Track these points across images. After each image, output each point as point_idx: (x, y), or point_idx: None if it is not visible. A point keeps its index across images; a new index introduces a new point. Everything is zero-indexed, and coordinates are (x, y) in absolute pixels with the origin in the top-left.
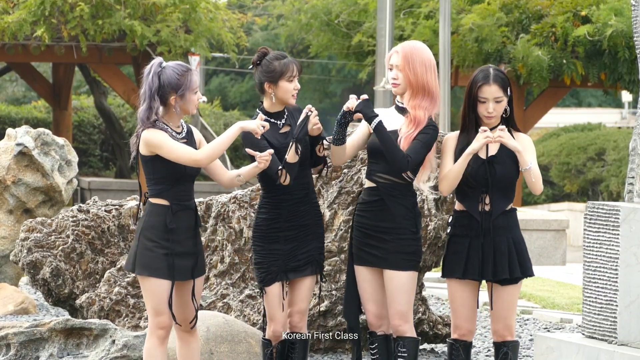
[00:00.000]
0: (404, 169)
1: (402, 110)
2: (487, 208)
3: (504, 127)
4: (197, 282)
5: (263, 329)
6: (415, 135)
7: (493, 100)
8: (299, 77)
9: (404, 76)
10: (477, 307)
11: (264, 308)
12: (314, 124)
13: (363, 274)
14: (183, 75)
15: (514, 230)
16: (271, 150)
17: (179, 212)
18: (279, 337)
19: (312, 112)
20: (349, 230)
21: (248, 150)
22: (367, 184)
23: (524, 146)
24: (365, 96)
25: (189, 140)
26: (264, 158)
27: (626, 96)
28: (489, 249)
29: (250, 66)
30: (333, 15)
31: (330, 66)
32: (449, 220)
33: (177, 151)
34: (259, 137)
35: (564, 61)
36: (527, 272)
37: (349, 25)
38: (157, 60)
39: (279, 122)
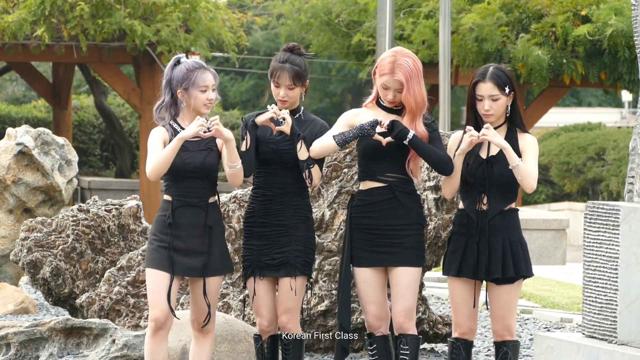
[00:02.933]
0: (451, 169)
1: (387, 110)
2: (484, 208)
3: (488, 125)
4: (209, 282)
5: None
6: (427, 137)
7: (489, 97)
8: (292, 87)
9: (404, 100)
10: (474, 306)
11: None
12: (265, 117)
13: (365, 276)
14: (191, 71)
15: (511, 230)
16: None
17: (180, 208)
18: (265, 331)
19: (272, 107)
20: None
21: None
22: (371, 184)
23: (526, 145)
24: (385, 121)
25: (202, 140)
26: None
27: (626, 96)
28: (483, 248)
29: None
30: (333, 15)
31: (330, 66)
32: (452, 219)
33: (148, 157)
34: (202, 137)
35: (564, 61)
36: (521, 273)
37: (349, 25)
38: (178, 56)
39: (279, 119)
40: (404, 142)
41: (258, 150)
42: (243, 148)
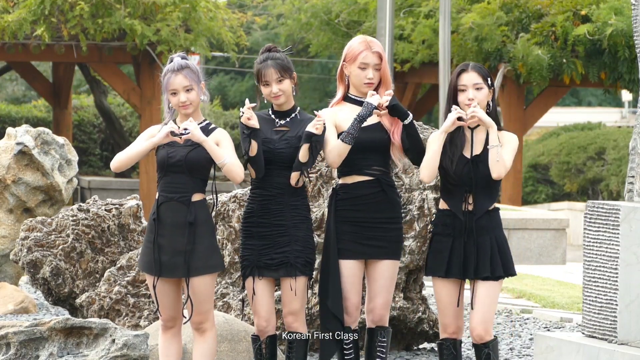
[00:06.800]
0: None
1: (357, 103)
2: (470, 208)
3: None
4: (193, 282)
5: None
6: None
7: (472, 86)
8: (281, 79)
9: (380, 75)
10: (457, 305)
11: None
12: (246, 117)
13: (352, 267)
14: (165, 74)
15: (496, 230)
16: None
17: (164, 204)
18: (263, 331)
19: (247, 103)
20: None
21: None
22: (357, 178)
23: (505, 141)
24: (391, 92)
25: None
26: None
27: (626, 95)
28: (471, 249)
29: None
30: (333, 15)
31: (330, 65)
32: (432, 219)
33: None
34: (177, 138)
35: (564, 60)
36: (510, 272)
37: (349, 25)
38: (172, 56)
39: (276, 120)
40: (404, 121)
41: None
42: (252, 153)
